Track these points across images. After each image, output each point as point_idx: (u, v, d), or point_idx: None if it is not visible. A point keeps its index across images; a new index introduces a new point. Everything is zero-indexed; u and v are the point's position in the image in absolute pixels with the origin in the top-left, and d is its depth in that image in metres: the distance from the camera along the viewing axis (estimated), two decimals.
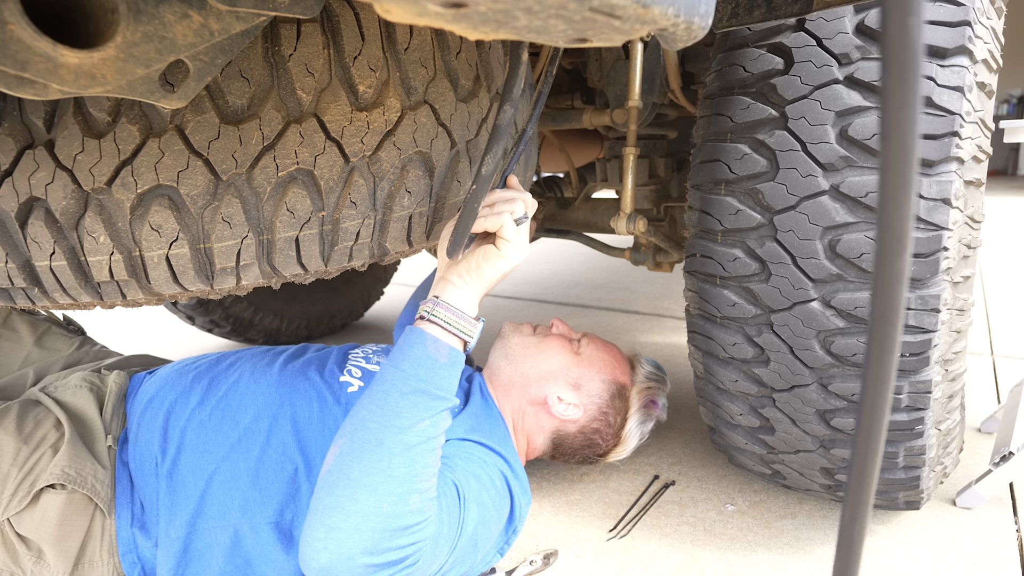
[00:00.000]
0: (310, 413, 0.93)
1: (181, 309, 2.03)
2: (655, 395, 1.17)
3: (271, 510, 0.88)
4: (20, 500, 0.82)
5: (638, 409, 1.15)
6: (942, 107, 0.77)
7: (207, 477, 0.88)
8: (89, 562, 0.85)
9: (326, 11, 0.65)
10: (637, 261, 1.51)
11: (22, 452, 0.85)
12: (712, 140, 0.92)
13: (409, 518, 0.71)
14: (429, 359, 0.75)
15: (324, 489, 0.71)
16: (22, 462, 0.84)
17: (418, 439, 0.72)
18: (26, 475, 0.83)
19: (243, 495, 0.88)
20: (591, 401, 1.11)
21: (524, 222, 0.79)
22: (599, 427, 1.12)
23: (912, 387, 0.85)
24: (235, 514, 0.87)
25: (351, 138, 0.69)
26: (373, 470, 0.70)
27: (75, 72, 0.39)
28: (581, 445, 1.13)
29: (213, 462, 0.89)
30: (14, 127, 0.62)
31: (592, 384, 1.11)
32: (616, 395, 1.13)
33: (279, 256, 0.71)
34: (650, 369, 1.21)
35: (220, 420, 0.92)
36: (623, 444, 1.15)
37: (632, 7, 0.29)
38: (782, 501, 1.19)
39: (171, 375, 1.01)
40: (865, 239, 0.81)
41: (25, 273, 0.69)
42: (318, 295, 2.34)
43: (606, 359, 1.15)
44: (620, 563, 1.04)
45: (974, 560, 1.01)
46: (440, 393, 0.75)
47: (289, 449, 0.90)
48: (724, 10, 0.74)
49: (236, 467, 0.89)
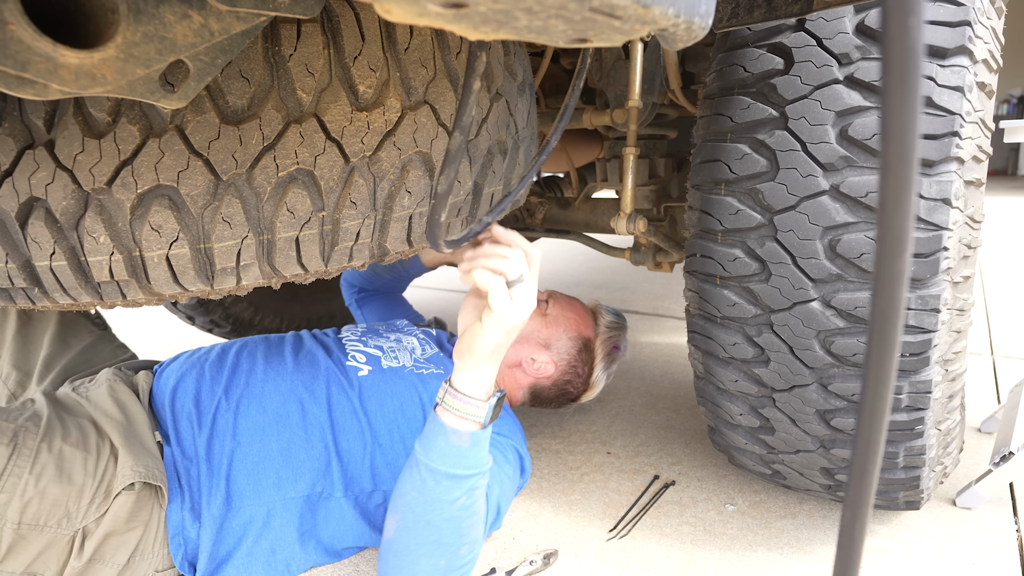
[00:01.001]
0: (330, 396, 1.05)
1: (181, 309, 2.03)
2: (617, 341, 1.32)
3: (304, 485, 0.99)
4: (99, 506, 0.86)
5: (603, 357, 1.30)
6: (942, 107, 0.77)
7: (241, 458, 0.98)
8: (140, 554, 0.92)
9: (326, 11, 0.65)
10: (637, 261, 1.51)
11: (89, 461, 0.88)
12: (712, 140, 0.92)
13: (463, 560, 0.86)
14: (453, 448, 0.81)
15: (390, 553, 0.85)
16: (92, 470, 0.87)
17: (459, 511, 0.82)
18: (99, 482, 0.87)
19: (276, 473, 0.98)
20: (560, 358, 1.25)
21: (521, 283, 0.75)
22: (570, 378, 1.27)
23: (912, 387, 0.85)
24: (270, 492, 0.97)
25: (351, 138, 0.69)
26: (426, 542, 0.83)
27: (75, 72, 0.39)
28: (556, 395, 1.29)
29: (245, 444, 0.99)
30: (14, 127, 0.62)
31: (560, 342, 1.26)
32: (582, 348, 1.27)
33: (279, 256, 0.71)
34: (610, 318, 1.34)
35: (248, 406, 1.02)
36: (592, 388, 1.32)
37: (632, 7, 0.29)
38: (782, 501, 1.19)
39: (185, 366, 1.09)
40: (865, 239, 0.81)
41: (25, 273, 0.69)
42: (318, 295, 2.34)
43: (570, 317, 1.28)
44: (620, 563, 1.04)
45: (974, 560, 1.01)
46: (470, 472, 0.82)
47: (315, 429, 1.01)
48: (724, 10, 0.74)
49: (268, 448, 0.99)
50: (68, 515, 0.84)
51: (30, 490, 0.81)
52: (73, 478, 0.85)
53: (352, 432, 1.03)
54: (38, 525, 0.82)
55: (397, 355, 1.18)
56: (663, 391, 1.75)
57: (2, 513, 0.79)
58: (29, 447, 0.84)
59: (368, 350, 1.17)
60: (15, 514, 0.80)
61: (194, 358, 1.12)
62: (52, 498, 0.82)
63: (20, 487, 0.80)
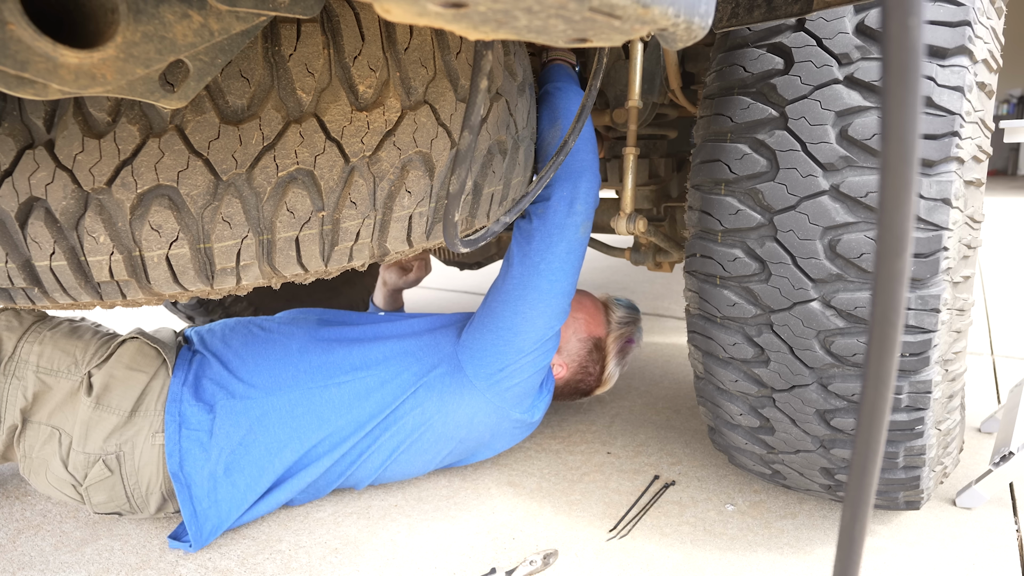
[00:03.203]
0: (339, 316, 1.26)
1: (181, 309, 2.03)
2: (630, 335, 1.34)
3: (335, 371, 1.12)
4: (102, 353, 1.04)
5: (615, 354, 1.33)
6: (942, 107, 0.77)
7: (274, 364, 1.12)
8: (145, 410, 1.03)
9: (326, 11, 0.65)
10: (637, 261, 1.51)
11: (100, 331, 1.11)
12: (712, 140, 0.92)
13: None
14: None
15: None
16: (100, 335, 1.09)
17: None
18: (104, 342, 1.07)
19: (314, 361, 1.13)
20: (571, 359, 1.29)
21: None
22: (582, 377, 1.32)
23: (912, 387, 0.85)
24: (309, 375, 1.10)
25: (351, 138, 0.69)
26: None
27: (75, 72, 0.39)
28: (569, 393, 1.34)
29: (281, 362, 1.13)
30: (14, 127, 0.62)
31: (570, 345, 1.29)
32: (593, 349, 1.30)
33: (279, 256, 0.71)
34: (622, 314, 1.35)
35: (280, 336, 1.17)
36: (606, 383, 1.36)
37: (632, 7, 0.29)
38: (782, 501, 1.19)
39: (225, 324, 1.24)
40: (865, 239, 0.81)
41: (25, 273, 0.69)
42: (318, 295, 2.34)
43: (580, 318, 1.30)
44: (620, 563, 1.04)
45: (974, 560, 1.01)
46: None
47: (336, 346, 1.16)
48: (724, 10, 0.74)
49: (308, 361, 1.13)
50: (76, 362, 1.03)
51: (47, 341, 1.03)
52: (83, 336, 1.07)
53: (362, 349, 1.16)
54: (52, 370, 1.01)
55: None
56: (663, 391, 1.75)
57: (25, 358, 1.01)
58: (53, 320, 1.09)
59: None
60: (34, 358, 1.01)
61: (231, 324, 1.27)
62: (63, 347, 1.04)
63: (39, 338, 1.04)
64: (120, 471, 1.00)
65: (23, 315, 1.06)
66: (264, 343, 1.15)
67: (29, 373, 0.99)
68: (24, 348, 1.01)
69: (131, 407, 1.01)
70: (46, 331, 1.04)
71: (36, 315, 1.08)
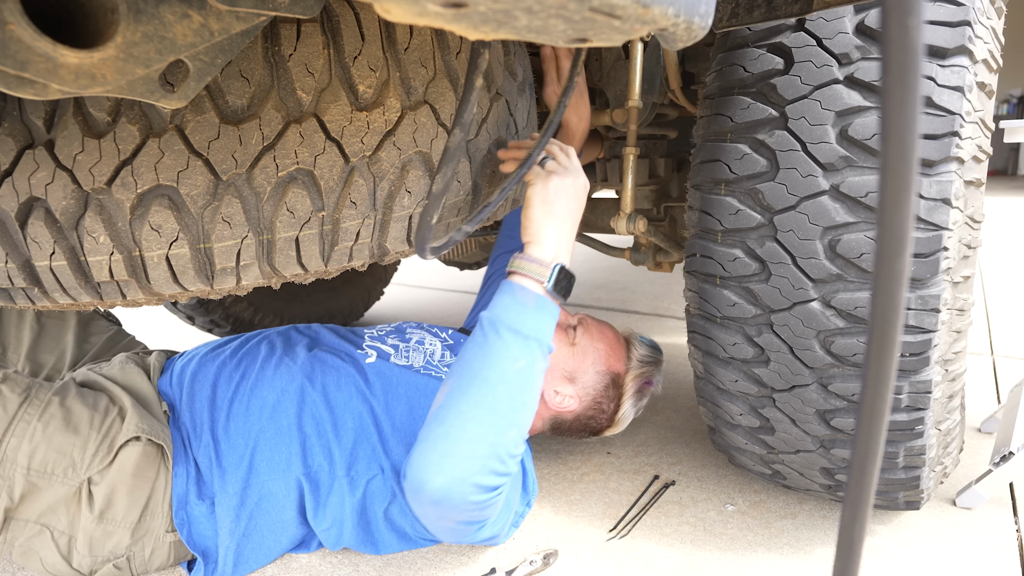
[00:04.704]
0: (337, 379, 1.06)
1: (181, 309, 2.03)
2: (649, 376, 1.23)
3: (309, 461, 1.01)
4: (103, 458, 0.92)
5: (633, 393, 1.21)
6: (942, 107, 0.77)
7: (255, 436, 1.01)
8: (151, 513, 0.96)
9: (326, 11, 0.65)
10: (637, 261, 1.51)
11: (96, 418, 0.94)
12: (712, 140, 0.92)
13: (510, 448, 0.80)
14: (517, 304, 0.82)
15: (435, 421, 0.80)
16: (99, 426, 0.94)
17: (516, 377, 0.80)
18: (104, 435, 0.93)
19: (287, 449, 1.01)
20: (586, 393, 1.17)
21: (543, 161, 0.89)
22: (593, 414, 1.19)
23: (912, 387, 0.85)
24: (282, 467, 1.00)
25: (351, 138, 0.69)
26: (479, 404, 0.79)
27: (75, 72, 0.39)
28: (577, 429, 1.21)
29: (258, 423, 1.01)
30: (14, 127, 0.62)
31: (586, 376, 1.17)
32: (610, 384, 1.19)
33: (279, 256, 0.71)
34: (644, 352, 1.25)
35: (260, 389, 1.05)
36: (618, 424, 1.23)
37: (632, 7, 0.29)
38: (782, 501, 1.19)
39: (207, 354, 1.13)
40: (865, 239, 0.81)
41: (25, 273, 0.69)
42: (318, 295, 2.34)
43: (600, 348, 1.19)
44: (620, 563, 1.04)
45: (974, 560, 1.01)
46: (532, 335, 0.82)
47: (319, 407, 1.03)
48: (724, 10, 0.74)
49: (279, 424, 1.01)
50: (73, 465, 0.90)
51: (38, 435, 0.88)
52: (79, 429, 0.91)
53: (352, 413, 1.03)
54: (46, 472, 0.88)
55: (409, 355, 1.17)
56: (663, 391, 1.75)
57: (12, 457, 0.86)
58: (40, 399, 0.92)
59: (382, 347, 1.17)
60: (24, 458, 0.87)
61: (210, 348, 1.16)
62: (58, 446, 0.89)
63: (29, 432, 0.88)
64: (130, 565, 0.97)
65: (5, 394, 0.90)
66: (250, 409, 1.02)
67: (17, 474, 0.86)
68: (11, 444, 0.87)
69: (138, 516, 0.95)
70: (35, 421, 0.89)
71: (21, 392, 0.91)
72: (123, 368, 1.09)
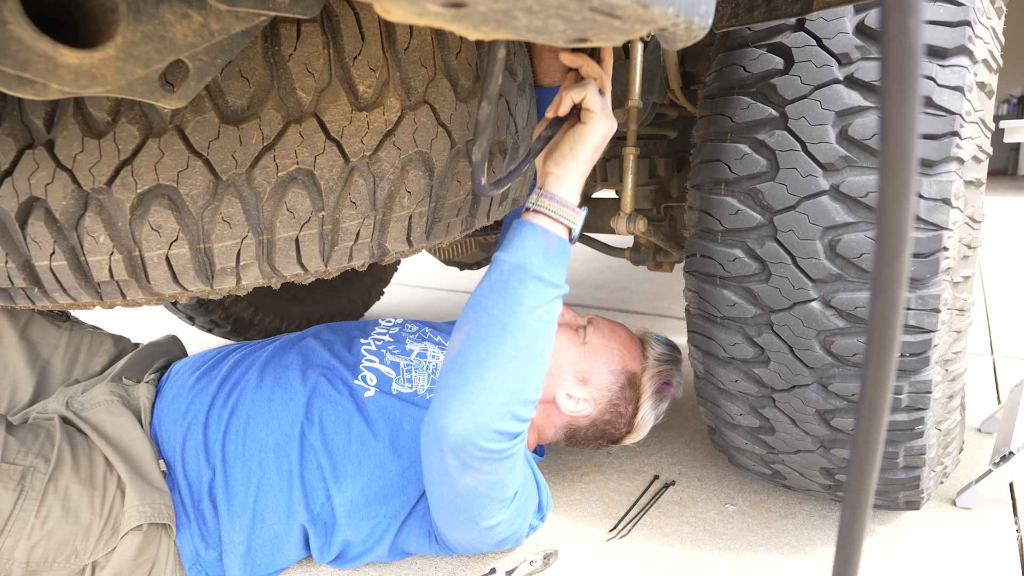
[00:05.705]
0: (336, 418, 1.00)
1: (181, 309, 2.03)
2: (668, 376, 1.14)
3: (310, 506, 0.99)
4: (106, 544, 0.89)
5: (651, 395, 1.12)
6: (942, 107, 0.77)
7: (256, 484, 0.98)
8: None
9: (326, 11, 0.65)
10: (637, 261, 1.51)
11: (96, 499, 0.89)
12: (712, 140, 0.92)
13: (530, 394, 0.79)
14: (540, 248, 0.79)
15: (454, 369, 0.78)
16: (99, 508, 0.89)
17: (536, 323, 0.78)
18: (106, 521, 0.89)
19: (289, 496, 0.98)
20: (601, 395, 1.09)
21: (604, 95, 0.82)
22: (611, 419, 1.11)
23: (912, 387, 0.85)
24: (284, 512, 0.98)
25: (351, 138, 0.69)
26: (499, 351, 0.76)
27: (75, 72, 0.39)
28: (594, 436, 1.13)
29: (259, 470, 0.98)
30: (14, 127, 0.62)
31: (600, 377, 1.09)
32: (626, 385, 1.10)
33: (279, 256, 0.71)
34: (661, 350, 1.17)
35: (256, 429, 1.00)
36: (637, 430, 1.14)
37: (632, 7, 0.29)
38: (782, 501, 1.19)
39: (190, 383, 1.06)
40: (865, 239, 0.81)
41: (25, 273, 0.69)
42: (318, 295, 2.34)
43: (613, 348, 1.12)
44: (620, 563, 1.04)
45: (974, 560, 1.01)
46: (553, 280, 0.79)
47: (318, 452, 0.98)
48: (724, 10, 0.74)
49: (280, 470, 0.98)
50: (76, 552, 0.87)
51: (36, 533, 0.83)
52: (80, 517, 0.87)
53: (352, 459, 0.99)
54: (47, 562, 0.84)
55: (412, 377, 1.08)
56: None
57: (10, 555, 0.82)
58: (36, 489, 0.85)
59: (382, 368, 1.08)
60: (23, 555, 0.82)
61: (198, 376, 1.07)
62: (59, 538, 0.85)
63: (26, 531, 0.82)
64: None
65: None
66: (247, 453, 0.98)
67: (15, 568, 0.83)
68: (8, 543, 0.81)
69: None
70: (33, 519, 0.83)
71: (15, 487, 0.83)
72: (110, 411, 0.99)
